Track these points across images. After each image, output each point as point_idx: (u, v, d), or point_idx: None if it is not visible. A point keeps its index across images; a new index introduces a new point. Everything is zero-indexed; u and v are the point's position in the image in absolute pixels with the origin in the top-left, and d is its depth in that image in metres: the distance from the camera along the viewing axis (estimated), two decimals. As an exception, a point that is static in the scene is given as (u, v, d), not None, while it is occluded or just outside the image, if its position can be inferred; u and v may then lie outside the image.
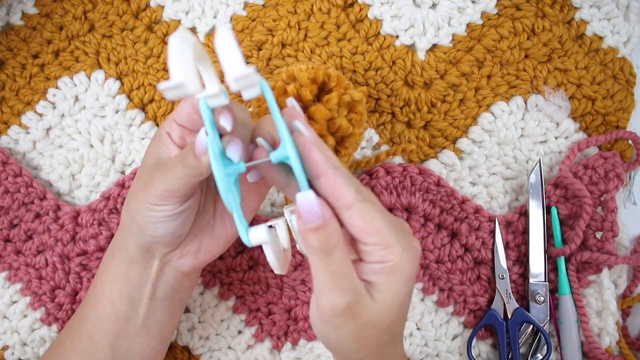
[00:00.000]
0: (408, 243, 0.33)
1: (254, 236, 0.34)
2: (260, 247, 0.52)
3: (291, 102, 0.35)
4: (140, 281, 0.40)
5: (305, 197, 0.31)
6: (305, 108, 0.40)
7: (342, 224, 0.33)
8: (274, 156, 0.33)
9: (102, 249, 0.52)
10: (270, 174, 0.35)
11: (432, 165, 0.53)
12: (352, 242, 0.34)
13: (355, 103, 0.44)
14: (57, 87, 0.54)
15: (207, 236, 0.41)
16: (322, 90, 0.43)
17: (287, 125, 0.33)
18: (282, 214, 0.53)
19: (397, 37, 0.54)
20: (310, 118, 0.41)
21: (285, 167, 0.35)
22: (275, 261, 0.35)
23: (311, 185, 0.33)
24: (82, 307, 0.43)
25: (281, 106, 0.39)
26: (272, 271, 0.52)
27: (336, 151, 0.45)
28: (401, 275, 0.33)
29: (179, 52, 0.30)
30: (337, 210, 0.33)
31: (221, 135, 0.34)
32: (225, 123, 0.34)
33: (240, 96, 0.54)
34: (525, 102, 0.54)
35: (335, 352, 0.37)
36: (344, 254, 0.32)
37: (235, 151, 0.34)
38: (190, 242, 0.41)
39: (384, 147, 0.53)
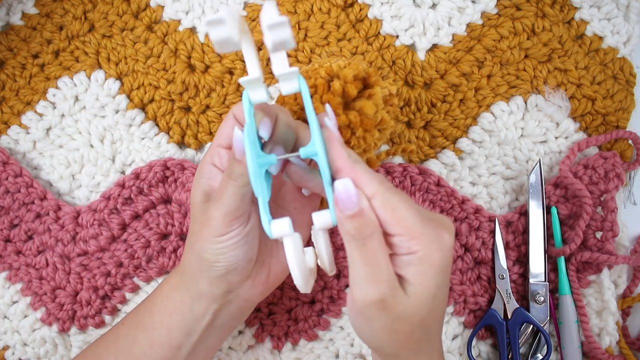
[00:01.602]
0: (436, 234, 0.33)
1: (276, 227, 0.34)
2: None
3: (328, 108, 0.36)
4: (203, 314, 0.40)
5: (344, 184, 0.32)
6: (346, 104, 0.40)
7: None
8: (303, 151, 0.34)
9: (102, 249, 0.52)
10: (305, 179, 0.37)
11: (432, 165, 0.53)
12: (386, 237, 0.34)
13: (391, 96, 0.44)
14: (57, 87, 0.54)
15: (274, 261, 0.42)
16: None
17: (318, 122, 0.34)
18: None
19: (397, 37, 0.54)
20: (359, 112, 0.41)
21: (318, 173, 0.37)
22: (294, 261, 0.35)
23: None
24: (130, 327, 0.42)
25: (325, 102, 0.40)
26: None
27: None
28: (430, 267, 0.32)
29: (227, 10, 0.31)
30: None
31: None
32: (264, 133, 0.35)
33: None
34: (525, 102, 0.54)
35: (369, 345, 0.37)
36: (380, 245, 0.32)
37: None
38: (260, 270, 0.41)
39: (384, 147, 0.53)
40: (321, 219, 0.34)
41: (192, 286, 0.40)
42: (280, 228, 0.34)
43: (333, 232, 0.51)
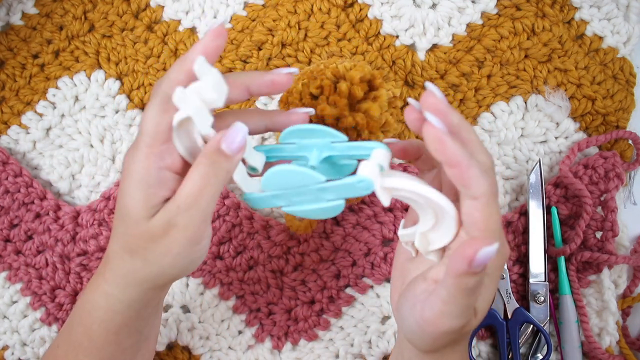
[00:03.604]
0: (505, 250, 0.33)
1: (367, 171, 0.32)
2: (260, 244, 0.52)
3: (431, 86, 0.32)
4: (148, 316, 0.38)
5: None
6: (351, 105, 0.40)
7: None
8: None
9: (102, 249, 0.52)
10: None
11: (432, 165, 0.53)
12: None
13: (394, 98, 0.45)
14: (57, 87, 0.54)
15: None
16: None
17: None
18: (280, 213, 0.53)
19: (397, 37, 0.54)
20: (365, 114, 0.41)
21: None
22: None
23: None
24: (68, 350, 0.39)
25: (332, 103, 0.40)
26: (272, 271, 0.52)
27: None
28: (491, 281, 0.33)
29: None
30: (460, 196, 0.32)
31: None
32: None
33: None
34: (525, 102, 0.54)
35: (412, 344, 0.37)
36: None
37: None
38: None
39: (384, 147, 0.53)
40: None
41: (127, 308, 0.36)
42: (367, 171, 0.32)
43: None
